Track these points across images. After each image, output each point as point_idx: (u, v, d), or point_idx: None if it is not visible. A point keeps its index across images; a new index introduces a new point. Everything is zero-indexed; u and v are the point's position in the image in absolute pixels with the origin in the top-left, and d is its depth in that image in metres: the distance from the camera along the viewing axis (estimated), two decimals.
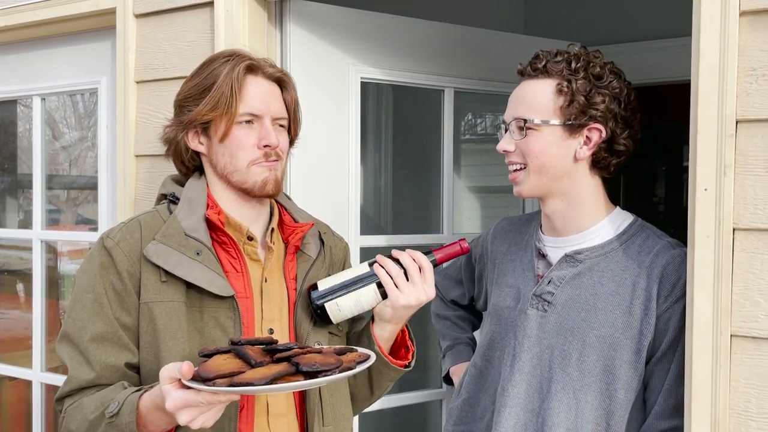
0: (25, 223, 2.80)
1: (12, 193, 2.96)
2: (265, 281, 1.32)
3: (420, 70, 2.09)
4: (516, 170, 1.45)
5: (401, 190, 2.80)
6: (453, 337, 1.79)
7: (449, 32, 2.14)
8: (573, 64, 1.40)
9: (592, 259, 1.44)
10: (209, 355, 1.11)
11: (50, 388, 2.30)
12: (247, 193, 1.33)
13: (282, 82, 1.38)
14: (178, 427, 1.19)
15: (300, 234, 1.38)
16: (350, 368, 1.10)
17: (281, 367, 1.06)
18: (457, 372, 1.70)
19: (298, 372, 1.06)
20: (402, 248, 1.37)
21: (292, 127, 1.40)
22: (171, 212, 1.32)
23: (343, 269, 1.46)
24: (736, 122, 1.20)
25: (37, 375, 2.29)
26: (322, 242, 1.44)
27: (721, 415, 1.21)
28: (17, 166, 2.98)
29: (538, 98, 1.41)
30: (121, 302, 1.25)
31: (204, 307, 1.25)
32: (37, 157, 2.29)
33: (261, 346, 1.12)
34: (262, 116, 1.33)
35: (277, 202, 1.43)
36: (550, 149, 1.40)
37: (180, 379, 1.06)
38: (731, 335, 1.21)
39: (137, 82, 1.93)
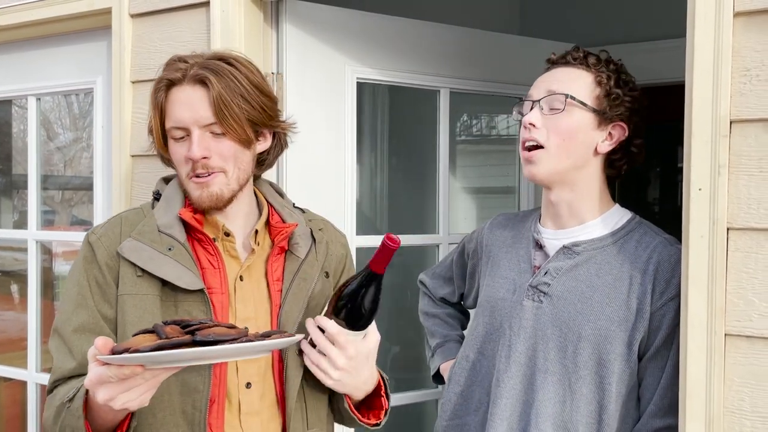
0: (20, 224, 2.79)
1: (6, 193, 2.95)
2: (240, 279, 1.30)
3: (416, 71, 2.09)
4: (534, 147, 1.44)
5: (397, 190, 2.80)
6: (443, 334, 1.79)
7: (445, 33, 2.15)
8: (611, 66, 1.48)
9: (589, 252, 1.45)
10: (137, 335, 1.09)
11: (45, 389, 2.29)
12: (194, 204, 1.32)
13: (204, 82, 1.24)
14: (130, 420, 1.16)
15: (285, 235, 1.34)
16: (250, 341, 1.04)
17: (178, 338, 1.02)
18: (448, 370, 1.71)
19: (195, 343, 1.01)
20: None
21: (230, 129, 1.25)
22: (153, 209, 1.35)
23: (344, 267, 1.43)
24: (731, 122, 1.21)
25: (32, 376, 2.28)
26: (314, 240, 1.39)
27: (715, 414, 1.22)
28: (12, 166, 2.97)
29: (578, 81, 1.45)
30: (102, 294, 1.27)
31: (178, 302, 1.26)
32: (32, 157, 2.28)
33: (180, 326, 1.08)
34: (189, 127, 1.26)
35: (267, 201, 1.41)
36: (578, 133, 1.43)
37: (96, 359, 1.04)
38: (725, 334, 1.22)
39: (133, 82, 1.93)
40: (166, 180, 1.41)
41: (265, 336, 1.08)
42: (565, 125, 1.42)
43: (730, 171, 1.21)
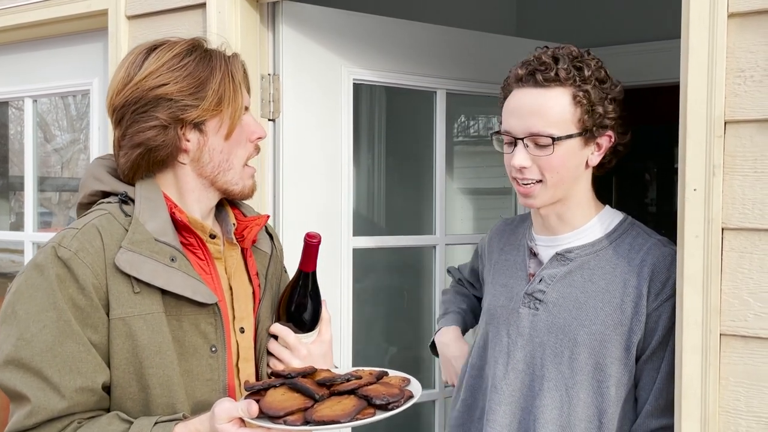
0: (17, 226, 2.78)
1: (3, 195, 2.95)
2: (231, 279, 1.27)
3: (412, 72, 2.10)
4: (531, 184, 1.40)
5: (394, 191, 2.80)
6: (445, 308, 1.78)
7: (442, 34, 2.15)
8: (585, 72, 1.36)
9: (582, 258, 1.45)
10: (258, 391, 1.09)
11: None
12: (230, 195, 1.26)
13: (245, 72, 1.28)
14: None
15: (256, 228, 1.30)
16: (411, 397, 1.11)
17: (354, 401, 1.06)
18: (442, 337, 1.69)
19: (370, 405, 1.06)
20: (394, 248, 1.32)
21: None
22: (126, 214, 1.19)
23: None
24: (725, 123, 1.21)
25: None
26: (270, 236, 1.37)
27: (710, 413, 1.22)
28: (8, 168, 2.97)
29: (556, 110, 1.35)
30: (85, 318, 1.12)
31: (182, 315, 1.17)
32: (28, 159, 2.28)
33: (310, 378, 1.11)
34: (248, 109, 1.26)
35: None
36: (569, 162, 1.38)
37: (239, 418, 1.04)
38: (720, 334, 1.22)
39: None
40: (115, 176, 1.24)
41: (379, 377, 1.15)
42: (556, 162, 1.36)
43: (724, 171, 1.21)
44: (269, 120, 1.88)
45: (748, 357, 1.20)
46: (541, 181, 1.39)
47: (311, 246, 1.25)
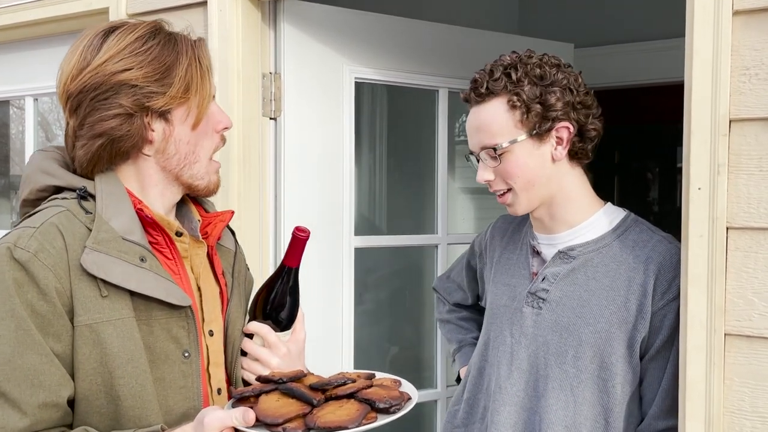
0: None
1: (4, 195, 2.95)
2: (198, 279, 1.19)
3: (414, 71, 2.09)
4: (503, 194, 1.46)
5: (396, 190, 2.80)
6: (458, 339, 1.79)
7: (443, 32, 2.14)
8: (513, 75, 1.39)
9: (585, 255, 1.44)
10: (246, 398, 1.04)
11: None
12: (194, 190, 1.18)
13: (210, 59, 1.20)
14: None
15: (221, 225, 1.22)
16: (410, 399, 1.08)
17: (357, 406, 1.02)
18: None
19: (372, 409, 1.03)
20: (396, 247, 1.30)
21: None
22: (86, 211, 1.09)
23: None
24: (730, 121, 1.21)
25: None
26: (232, 232, 1.30)
27: (715, 414, 1.21)
28: (10, 167, 2.97)
29: (495, 121, 1.41)
30: (46, 326, 1.03)
31: (153, 319, 1.09)
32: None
33: (300, 382, 1.07)
34: (214, 97, 1.19)
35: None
36: (527, 164, 1.41)
37: (234, 428, 0.99)
38: (725, 334, 1.21)
39: None
40: (69, 170, 1.15)
41: (369, 379, 1.12)
42: (511, 167, 1.41)
43: (729, 170, 1.21)
44: (270, 119, 1.87)
45: (753, 357, 1.20)
46: (510, 189, 1.44)
47: (299, 240, 1.19)
